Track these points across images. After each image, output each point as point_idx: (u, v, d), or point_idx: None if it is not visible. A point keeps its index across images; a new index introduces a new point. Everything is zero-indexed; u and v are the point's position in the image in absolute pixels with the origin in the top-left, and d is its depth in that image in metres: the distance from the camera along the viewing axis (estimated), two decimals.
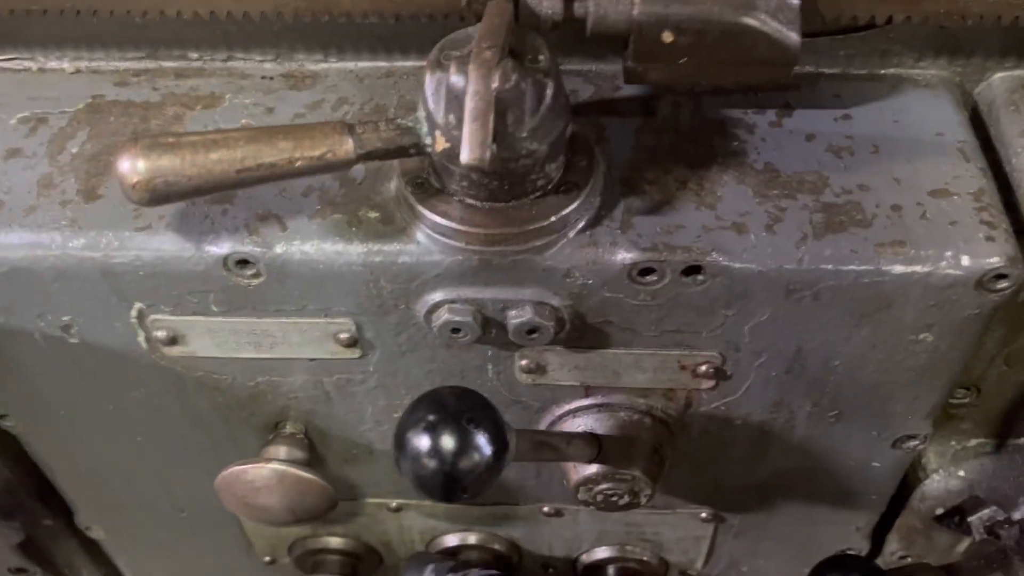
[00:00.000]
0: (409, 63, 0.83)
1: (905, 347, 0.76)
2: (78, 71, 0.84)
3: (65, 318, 0.78)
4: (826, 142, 0.77)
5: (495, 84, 0.60)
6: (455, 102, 0.62)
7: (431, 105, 0.64)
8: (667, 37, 0.69)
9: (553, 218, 0.69)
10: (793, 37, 0.69)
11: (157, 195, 0.63)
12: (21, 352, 0.82)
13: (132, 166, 0.63)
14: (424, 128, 0.65)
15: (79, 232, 0.72)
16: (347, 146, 0.63)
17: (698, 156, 0.76)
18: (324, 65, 0.84)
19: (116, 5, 0.76)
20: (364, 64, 0.84)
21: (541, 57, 0.65)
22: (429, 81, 0.64)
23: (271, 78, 0.83)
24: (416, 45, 0.82)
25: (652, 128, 0.78)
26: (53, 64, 0.85)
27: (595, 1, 0.69)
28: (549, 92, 0.64)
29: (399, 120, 0.65)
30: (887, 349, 0.77)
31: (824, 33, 0.77)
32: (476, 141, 0.59)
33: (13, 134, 0.79)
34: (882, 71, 0.82)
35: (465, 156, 0.59)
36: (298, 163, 0.61)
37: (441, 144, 0.64)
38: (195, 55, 0.84)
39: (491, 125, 0.59)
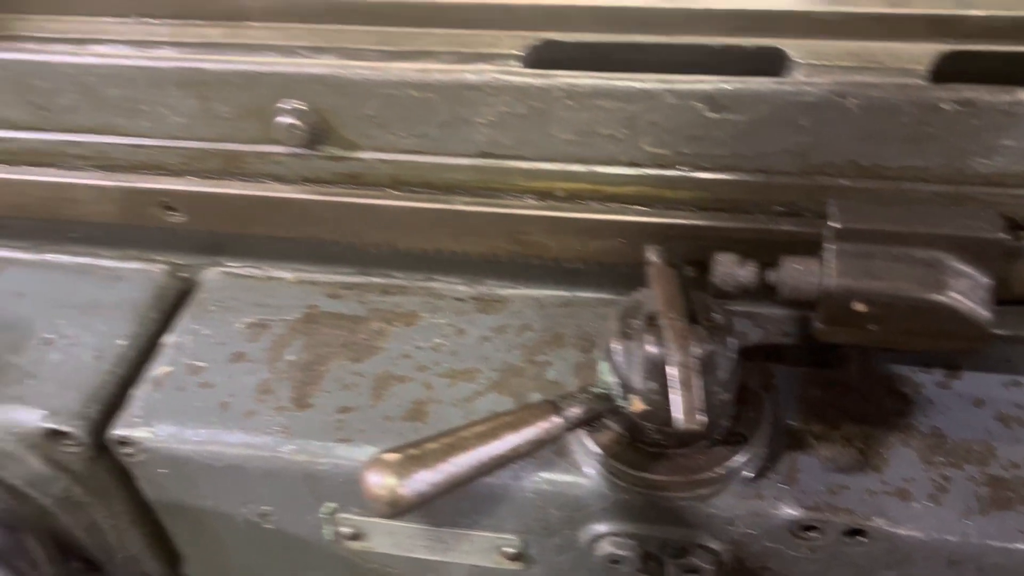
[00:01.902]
0: (587, 294, 0.91)
1: None
2: (299, 281, 0.96)
3: (265, 508, 0.87)
4: (995, 409, 0.78)
5: (696, 352, 0.66)
6: (655, 370, 0.68)
7: (625, 372, 0.70)
8: (858, 307, 0.72)
9: (720, 469, 0.73)
10: (985, 314, 0.71)
11: (411, 506, 0.66)
12: (221, 529, 0.91)
13: (382, 481, 0.65)
14: (617, 392, 0.71)
15: (289, 438, 0.82)
16: (557, 425, 0.70)
17: (865, 413, 0.79)
18: (511, 291, 0.93)
19: (356, 238, 0.87)
20: (546, 292, 0.92)
21: (715, 315, 0.71)
22: (619, 350, 0.70)
23: (463, 300, 0.92)
24: (595, 280, 0.90)
25: (820, 379, 0.81)
26: (277, 273, 0.97)
27: (787, 272, 0.73)
28: (731, 345, 0.70)
29: (592, 388, 0.72)
30: None
31: (1014, 303, 0.77)
32: (689, 407, 0.64)
33: (240, 337, 0.90)
34: None
35: (681, 423, 0.64)
36: (522, 450, 0.68)
37: (639, 407, 0.70)
38: (399, 275, 0.95)
39: (699, 391, 0.65)
